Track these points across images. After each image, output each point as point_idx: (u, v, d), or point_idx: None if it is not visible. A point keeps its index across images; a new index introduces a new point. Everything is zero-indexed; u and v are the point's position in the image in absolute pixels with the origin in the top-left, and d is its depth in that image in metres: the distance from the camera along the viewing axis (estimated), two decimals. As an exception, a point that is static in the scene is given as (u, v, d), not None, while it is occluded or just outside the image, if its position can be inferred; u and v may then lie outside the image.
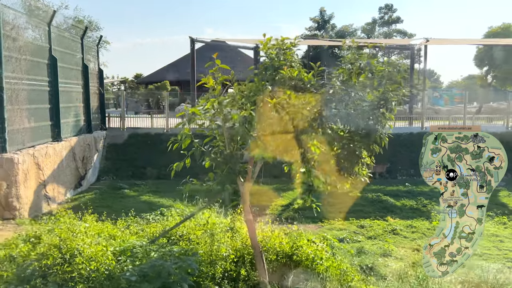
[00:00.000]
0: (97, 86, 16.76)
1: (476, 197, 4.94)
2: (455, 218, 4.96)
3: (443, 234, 5.02)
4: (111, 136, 17.09)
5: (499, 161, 4.87)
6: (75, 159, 13.54)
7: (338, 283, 5.62)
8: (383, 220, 10.95)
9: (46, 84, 12.08)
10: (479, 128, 4.97)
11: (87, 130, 15.24)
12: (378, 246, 8.89)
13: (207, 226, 6.32)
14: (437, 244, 5.03)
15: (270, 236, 6.23)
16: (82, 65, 15.03)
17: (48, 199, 11.40)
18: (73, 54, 14.30)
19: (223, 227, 6.51)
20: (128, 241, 5.64)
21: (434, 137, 4.98)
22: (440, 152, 4.96)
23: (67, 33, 13.85)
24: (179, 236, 6.21)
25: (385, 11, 45.60)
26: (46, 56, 12.10)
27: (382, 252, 8.34)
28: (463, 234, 4.97)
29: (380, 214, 11.63)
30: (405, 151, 17.45)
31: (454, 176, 4.94)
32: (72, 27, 14.56)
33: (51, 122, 12.28)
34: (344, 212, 11.63)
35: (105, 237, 5.81)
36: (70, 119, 13.77)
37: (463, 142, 4.94)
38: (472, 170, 4.93)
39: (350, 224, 10.58)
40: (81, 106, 14.96)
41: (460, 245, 4.98)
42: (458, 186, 4.96)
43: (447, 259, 5.01)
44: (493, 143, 4.87)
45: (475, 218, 4.96)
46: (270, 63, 5.17)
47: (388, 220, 10.85)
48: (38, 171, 10.82)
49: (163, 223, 6.95)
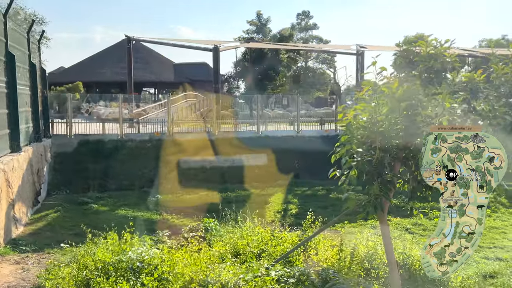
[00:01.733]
0: (41, 87, 14.71)
1: (476, 197, 4.93)
2: (455, 218, 4.95)
3: (443, 234, 4.99)
4: (57, 144, 15.12)
5: (499, 161, 4.84)
6: (32, 173, 11.70)
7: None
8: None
9: (4, 86, 10.25)
10: (479, 128, 4.94)
11: (36, 138, 13.28)
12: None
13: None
14: (437, 244, 5.01)
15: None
16: (29, 64, 13.06)
17: (16, 221, 9.68)
18: (23, 51, 12.35)
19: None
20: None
21: (434, 137, 4.91)
22: (440, 152, 4.90)
23: (18, 27, 11.91)
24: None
25: (302, 17, 47.53)
26: (3, 53, 10.27)
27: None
28: (463, 234, 4.97)
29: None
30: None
31: (454, 176, 4.90)
32: (23, 21, 12.58)
33: (9, 130, 10.46)
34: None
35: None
36: (23, 125, 11.86)
37: (463, 142, 4.88)
38: (472, 170, 4.89)
39: (360, 227, 10.69)
40: (29, 110, 12.99)
41: (460, 245, 4.98)
42: (458, 186, 4.92)
43: (447, 259, 5.01)
44: (493, 143, 4.86)
45: (475, 218, 4.96)
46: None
47: (391, 220, 11.19)
48: (8, 189, 9.13)
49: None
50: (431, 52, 5.45)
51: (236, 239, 7.45)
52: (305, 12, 47.44)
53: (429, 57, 5.46)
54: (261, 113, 29.33)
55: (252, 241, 7.21)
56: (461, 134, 4.88)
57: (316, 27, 47.52)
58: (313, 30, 47.34)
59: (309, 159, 19.17)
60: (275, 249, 7.08)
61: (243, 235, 7.56)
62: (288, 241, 7.48)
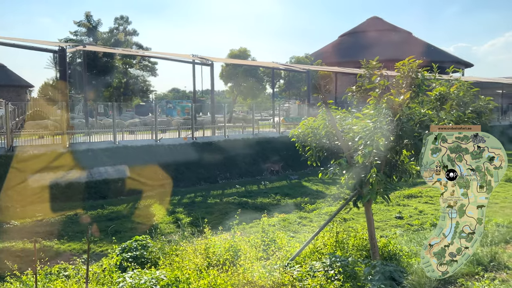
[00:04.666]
0: None
1: (476, 197, 4.90)
2: (455, 218, 4.94)
3: (443, 234, 4.98)
4: None
5: (499, 161, 4.85)
6: None
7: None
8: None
9: None
10: (479, 128, 4.95)
11: None
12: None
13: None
14: (437, 244, 4.98)
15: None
16: None
17: None
18: None
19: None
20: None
21: (434, 137, 4.95)
22: (440, 152, 4.94)
23: None
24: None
25: (120, 22, 45.52)
26: None
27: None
28: (463, 234, 4.94)
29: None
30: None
31: (454, 176, 4.91)
32: None
33: None
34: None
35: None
36: None
37: (463, 142, 4.90)
38: (472, 170, 4.88)
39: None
40: None
41: (460, 245, 4.95)
42: (458, 186, 4.91)
43: (447, 259, 4.97)
44: (493, 143, 4.85)
45: (475, 218, 4.91)
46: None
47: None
48: None
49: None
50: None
51: (203, 250, 7.21)
52: (123, 17, 45.65)
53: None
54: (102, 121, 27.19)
55: (225, 249, 7.12)
56: (461, 134, 4.89)
57: (136, 33, 46.33)
58: (133, 36, 45.98)
59: (171, 168, 18.98)
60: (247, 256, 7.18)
61: (208, 246, 7.35)
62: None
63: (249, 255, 6.33)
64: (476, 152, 4.88)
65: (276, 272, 5.10)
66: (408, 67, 5.81)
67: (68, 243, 11.24)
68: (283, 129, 25.95)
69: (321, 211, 13.66)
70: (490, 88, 45.25)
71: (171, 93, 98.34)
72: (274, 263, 5.88)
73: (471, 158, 4.88)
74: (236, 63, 29.31)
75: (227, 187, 18.44)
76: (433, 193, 15.73)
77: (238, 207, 14.26)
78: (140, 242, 8.28)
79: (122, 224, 12.78)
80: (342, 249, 6.60)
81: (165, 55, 25.33)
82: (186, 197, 16.59)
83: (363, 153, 5.29)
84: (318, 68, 34.64)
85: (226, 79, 34.15)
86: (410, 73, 5.81)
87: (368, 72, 6.26)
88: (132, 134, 20.93)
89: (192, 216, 13.62)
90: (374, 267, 5.19)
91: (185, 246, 7.82)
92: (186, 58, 26.05)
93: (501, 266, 6.65)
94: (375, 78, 6.09)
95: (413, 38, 59.53)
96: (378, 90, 5.92)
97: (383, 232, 10.38)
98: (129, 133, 21.50)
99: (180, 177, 18.83)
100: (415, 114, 5.47)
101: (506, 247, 7.78)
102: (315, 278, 5.03)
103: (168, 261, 7.22)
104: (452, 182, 4.92)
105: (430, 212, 13.14)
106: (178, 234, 10.96)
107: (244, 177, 20.68)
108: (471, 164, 4.88)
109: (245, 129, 24.87)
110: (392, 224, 11.93)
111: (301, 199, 15.62)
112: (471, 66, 62.47)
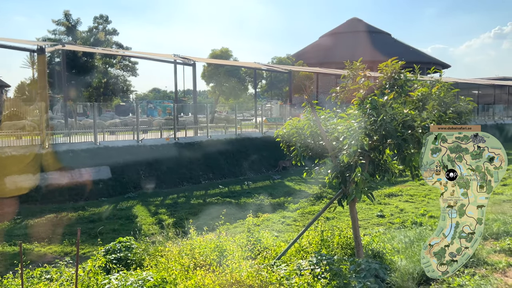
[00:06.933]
0: None
1: (476, 197, 4.89)
2: (455, 218, 4.93)
3: (443, 234, 4.98)
4: None
5: (499, 161, 4.84)
6: None
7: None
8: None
9: None
10: (479, 128, 4.95)
11: None
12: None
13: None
14: (437, 244, 4.99)
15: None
16: None
17: None
18: None
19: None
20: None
21: (434, 137, 4.99)
22: (440, 152, 4.97)
23: None
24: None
25: (100, 21, 44.79)
26: None
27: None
28: (463, 234, 4.93)
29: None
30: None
31: (454, 176, 4.91)
32: None
33: None
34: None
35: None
36: None
37: (463, 142, 4.90)
38: (472, 170, 4.88)
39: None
40: None
41: (460, 245, 4.95)
42: (458, 186, 4.91)
43: (447, 259, 4.98)
44: (493, 143, 4.84)
45: (475, 218, 4.91)
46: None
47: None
48: None
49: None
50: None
51: (188, 250, 7.20)
52: (103, 16, 44.89)
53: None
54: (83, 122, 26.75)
55: (211, 249, 7.13)
56: (461, 134, 4.90)
57: (116, 32, 45.65)
58: (113, 35, 45.29)
59: (153, 169, 18.84)
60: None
61: (194, 247, 7.35)
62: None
63: (236, 255, 6.35)
64: (476, 152, 4.89)
65: (264, 271, 5.14)
66: (391, 68, 5.93)
67: (49, 246, 11.05)
68: (265, 129, 26.04)
69: (304, 210, 13.77)
70: (466, 88, 46.40)
71: (152, 93, 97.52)
72: (261, 262, 5.92)
73: (471, 158, 4.90)
74: (218, 63, 29.34)
75: (210, 188, 18.40)
76: (413, 192, 16.04)
77: (222, 207, 14.25)
78: (124, 244, 8.20)
79: (104, 225, 12.61)
80: (327, 248, 6.70)
81: (146, 54, 25.11)
82: (168, 198, 16.48)
83: (348, 152, 5.37)
84: (300, 69, 34.89)
85: (208, 79, 34.08)
86: (393, 74, 5.93)
87: (352, 73, 6.36)
88: (113, 134, 20.66)
89: (176, 217, 13.56)
90: (359, 265, 5.28)
91: (170, 247, 7.78)
92: (168, 58, 25.88)
93: (481, 262, 6.87)
94: (359, 79, 6.19)
95: (392, 40, 60.49)
96: (362, 90, 6.02)
97: (365, 231, 10.53)
98: (110, 133, 21.22)
99: (162, 178, 18.69)
100: (398, 114, 5.58)
101: (484, 244, 8.01)
102: (302, 276, 5.11)
103: (154, 262, 7.17)
104: (452, 182, 4.93)
105: (410, 210, 13.41)
106: (162, 235, 10.89)
107: (227, 177, 20.66)
108: (471, 164, 4.89)
109: (228, 129, 24.87)
110: (374, 222, 12.13)
111: (284, 199, 15.71)
112: (448, 67, 63.84)
